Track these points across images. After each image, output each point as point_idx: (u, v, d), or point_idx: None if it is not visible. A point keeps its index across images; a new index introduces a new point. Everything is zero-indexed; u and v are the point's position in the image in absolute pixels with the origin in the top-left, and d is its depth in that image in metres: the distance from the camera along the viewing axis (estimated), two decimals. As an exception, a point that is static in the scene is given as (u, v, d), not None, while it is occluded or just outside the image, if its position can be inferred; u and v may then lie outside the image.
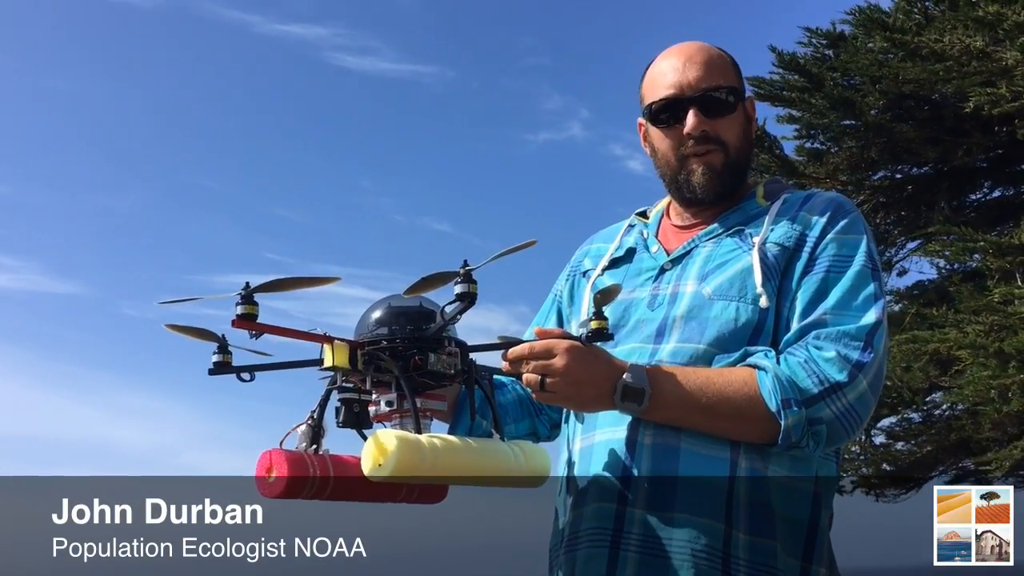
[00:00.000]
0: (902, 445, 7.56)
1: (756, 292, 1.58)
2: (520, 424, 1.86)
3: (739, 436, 1.54)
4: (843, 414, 1.50)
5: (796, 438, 1.50)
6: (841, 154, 7.07)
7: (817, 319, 1.55)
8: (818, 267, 1.59)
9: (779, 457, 1.56)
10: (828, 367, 1.50)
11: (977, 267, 6.42)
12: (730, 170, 1.70)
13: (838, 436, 1.52)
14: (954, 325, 6.22)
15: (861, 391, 1.51)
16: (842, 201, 1.67)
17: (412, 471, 1.45)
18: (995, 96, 5.82)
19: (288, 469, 1.49)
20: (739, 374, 1.53)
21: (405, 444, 1.44)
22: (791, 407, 1.48)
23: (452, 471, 1.51)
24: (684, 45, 1.75)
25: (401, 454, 1.44)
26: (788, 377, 1.50)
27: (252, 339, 1.47)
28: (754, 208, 1.71)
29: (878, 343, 1.53)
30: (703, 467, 1.55)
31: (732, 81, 1.72)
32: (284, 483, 1.49)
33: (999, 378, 5.94)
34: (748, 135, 1.75)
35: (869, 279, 1.58)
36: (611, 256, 1.81)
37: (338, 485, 1.55)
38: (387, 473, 1.44)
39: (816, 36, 7.07)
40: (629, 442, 1.58)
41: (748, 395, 1.51)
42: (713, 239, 1.69)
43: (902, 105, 6.73)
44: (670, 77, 1.70)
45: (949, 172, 7.02)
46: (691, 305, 1.62)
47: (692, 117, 1.68)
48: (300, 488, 1.51)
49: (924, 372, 6.71)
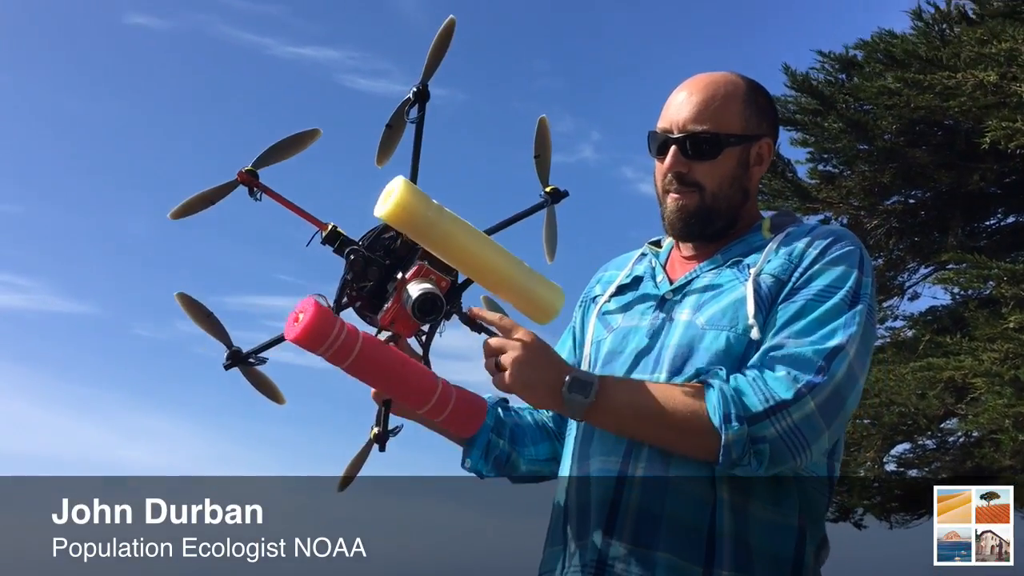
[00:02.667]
0: (916, 472, 7.50)
1: (748, 323, 1.57)
2: (540, 447, 1.85)
3: (683, 449, 1.53)
4: (787, 433, 1.47)
5: (737, 455, 1.47)
6: (854, 178, 7.05)
7: (778, 342, 1.54)
8: (799, 296, 1.58)
9: (761, 491, 1.55)
10: (775, 385, 1.48)
11: (991, 294, 6.37)
12: (703, 213, 1.69)
13: (782, 457, 1.49)
14: (969, 352, 6.16)
15: (807, 412, 1.48)
16: (842, 233, 1.66)
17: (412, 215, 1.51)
18: (1011, 130, 5.80)
19: (315, 313, 1.49)
20: (688, 388, 1.53)
21: (409, 187, 1.52)
22: (731, 422, 1.46)
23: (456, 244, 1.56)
24: (697, 79, 1.74)
25: (406, 194, 1.50)
26: (734, 393, 1.48)
27: (254, 199, 1.55)
28: (758, 240, 1.70)
29: (836, 367, 1.50)
30: (686, 506, 1.54)
31: (728, 125, 1.69)
32: (307, 325, 1.49)
33: (1015, 406, 5.88)
34: (740, 180, 1.72)
35: (844, 311, 1.55)
36: (619, 283, 1.82)
37: (363, 356, 1.53)
38: (387, 210, 1.50)
39: (829, 60, 7.08)
40: (620, 476, 1.58)
41: (693, 408, 1.49)
42: (713, 270, 1.69)
43: (915, 130, 6.72)
44: (668, 111, 1.72)
45: (963, 198, 6.99)
46: (684, 334, 1.62)
47: (669, 157, 1.69)
48: (322, 336, 1.49)
49: (940, 399, 6.65)
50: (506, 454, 1.81)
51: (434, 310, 1.57)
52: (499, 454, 1.80)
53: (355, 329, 1.54)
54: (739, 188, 1.72)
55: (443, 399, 1.59)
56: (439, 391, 1.59)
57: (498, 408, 1.84)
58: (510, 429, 1.82)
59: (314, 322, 1.48)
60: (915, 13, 6.70)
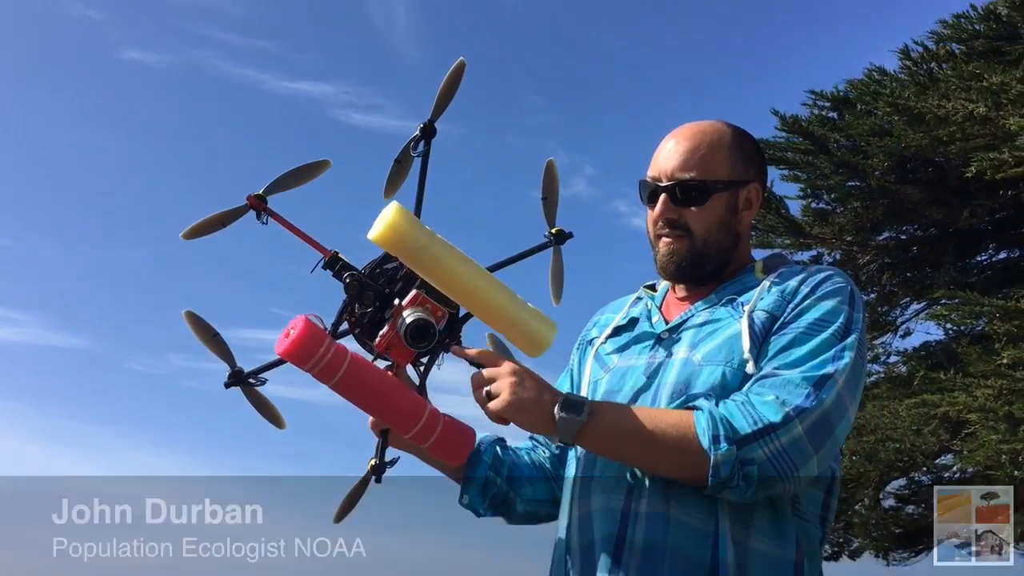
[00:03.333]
0: (912, 509, 7.45)
1: (743, 357, 1.60)
2: (537, 487, 1.86)
3: (672, 471, 1.55)
4: (775, 456, 1.49)
5: (725, 476, 1.49)
6: (847, 214, 7.10)
7: (769, 372, 1.56)
8: (789, 329, 1.61)
9: (762, 524, 1.56)
10: (764, 408, 1.50)
11: (984, 330, 6.39)
12: (694, 257, 1.74)
13: (771, 481, 1.51)
14: (963, 388, 6.16)
15: (795, 436, 1.50)
16: (832, 272, 1.70)
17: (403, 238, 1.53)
18: (998, 161, 5.87)
19: (304, 330, 1.51)
20: (677, 412, 1.55)
21: (403, 212, 1.54)
22: (720, 443, 1.48)
23: (446, 270, 1.57)
24: (684, 128, 1.79)
25: (398, 217, 1.53)
26: (723, 416, 1.50)
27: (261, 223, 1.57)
28: (751, 281, 1.74)
29: (824, 394, 1.53)
30: (689, 539, 1.55)
31: (715, 172, 1.74)
32: (296, 341, 1.51)
33: (1010, 442, 5.86)
34: (730, 224, 1.76)
35: (834, 344, 1.58)
36: (615, 325, 1.85)
37: (350, 375, 1.54)
38: (378, 232, 1.52)
39: (820, 99, 7.17)
40: (624, 512, 1.59)
41: (682, 430, 1.51)
42: (707, 309, 1.73)
43: (906, 167, 6.79)
44: (657, 159, 1.77)
45: (954, 234, 7.04)
46: (681, 372, 1.64)
47: (659, 205, 1.73)
48: (309, 353, 1.51)
49: (935, 435, 6.64)
50: (503, 493, 1.82)
51: (426, 337, 1.59)
52: (496, 492, 1.81)
53: (344, 349, 1.56)
54: (728, 232, 1.76)
55: (430, 424, 1.59)
56: (426, 416, 1.59)
57: (496, 447, 1.84)
58: (508, 468, 1.83)
59: (302, 338, 1.50)
60: (903, 52, 6.81)
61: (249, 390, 1.66)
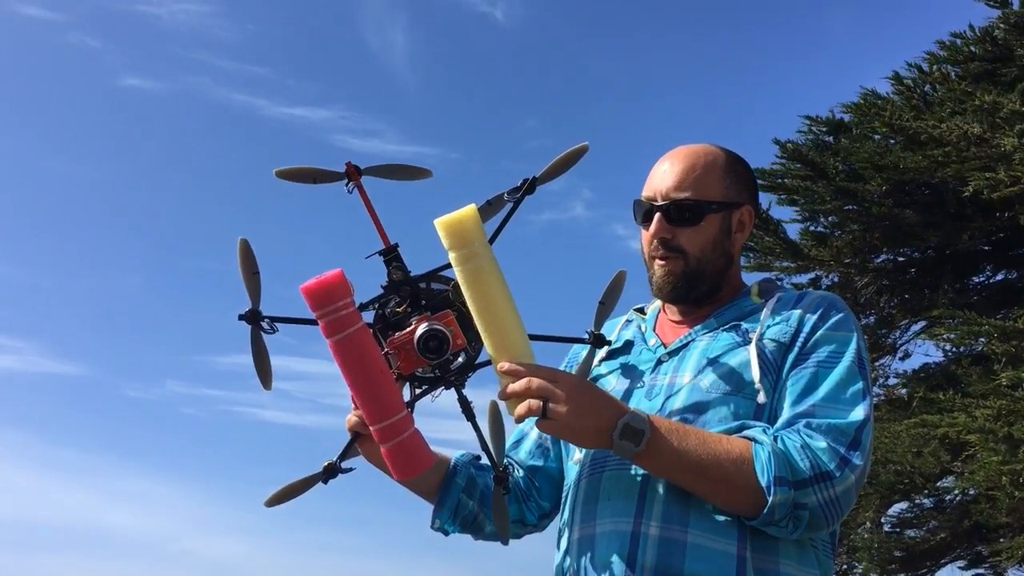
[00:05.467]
0: (913, 532, 7.42)
1: (755, 387, 1.61)
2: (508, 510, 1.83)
3: (723, 502, 1.55)
4: (828, 504, 1.51)
5: (779, 517, 1.50)
6: (844, 237, 7.13)
7: (806, 410, 1.57)
8: (809, 362, 1.62)
9: (788, 551, 1.57)
10: (823, 455, 1.51)
11: (983, 351, 6.39)
12: (689, 277, 1.75)
13: (818, 524, 1.53)
14: (962, 409, 6.16)
15: (848, 486, 1.52)
16: (834, 299, 1.72)
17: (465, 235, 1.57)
18: (994, 181, 5.90)
19: (336, 276, 1.54)
20: (736, 443, 1.54)
21: (477, 215, 1.60)
22: (783, 485, 1.49)
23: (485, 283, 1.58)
24: (678, 150, 1.81)
25: (469, 213, 1.58)
26: (783, 456, 1.51)
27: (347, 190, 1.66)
28: (748, 305, 1.75)
29: (866, 440, 1.56)
30: (711, 564, 1.53)
31: (709, 194, 1.75)
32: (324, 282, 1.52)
33: (1010, 463, 5.85)
34: (723, 245, 1.78)
35: (857, 376, 1.60)
36: (609, 348, 1.83)
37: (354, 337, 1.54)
38: (447, 218, 1.58)
39: (816, 124, 7.21)
40: (634, 535, 1.57)
41: (741, 464, 1.51)
42: (710, 333, 1.73)
43: (903, 190, 6.81)
44: (652, 180, 1.79)
45: (952, 256, 7.06)
46: (688, 397, 1.64)
47: (655, 224, 1.75)
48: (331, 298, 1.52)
49: (935, 457, 6.63)
50: (473, 515, 1.81)
51: (438, 351, 1.58)
52: (467, 515, 1.81)
53: (359, 315, 1.56)
54: (722, 253, 1.77)
55: (399, 427, 1.56)
56: (400, 416, 1.56)
57: (471, 467, 1.84)
58: (480, 490, 1.81)
59: (331, 281, 1.51)
60: (895, 77, 6.85)
61: (256, 334, 1.63)
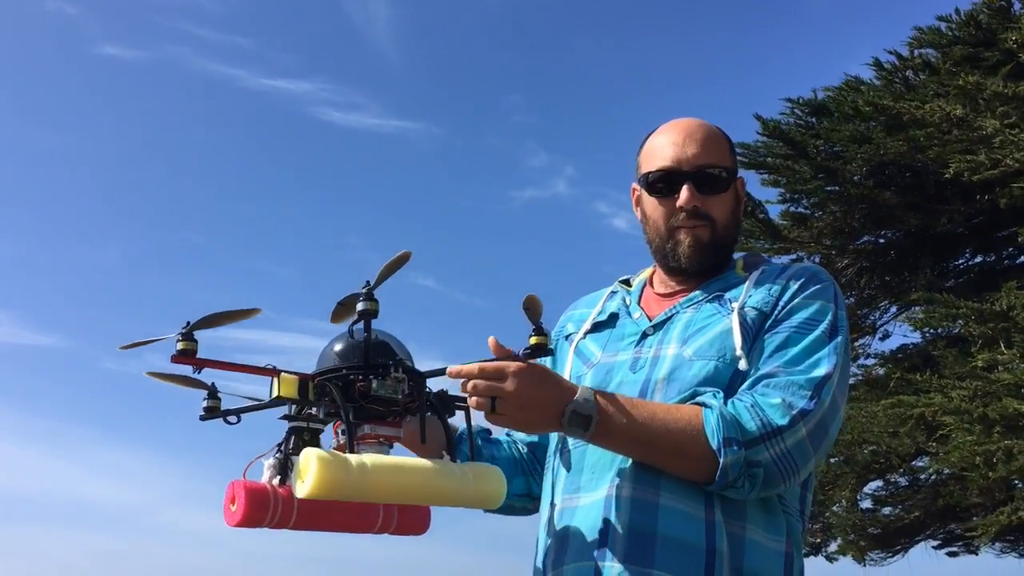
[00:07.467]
0: (888, 510, 7.52)
1: (735, 353, 1.62)
2: (515, 482, 1.86)
3: (678, 471, 1.56)
4: (780, 458, 1.52)
5: (733, 477, 1.51)
6: (825, 219, 7.17)
7: (770, 371, 1.59)
8: (783, 327, 1.64)
9: (756, 516, 1.59)
10: (772, 412, 1.53)
11: (960, 333, 6.46)
12: (715, 246, 1.76)
13: (774, 481, 1.54)
14: (939, 390, 6.23)
15: (799, 438, 1.53)
16: (816, 271, 1.73)
17: (336, 489, 1.40)
18: (975, 163, 5.94)
19: (247, 499, 1.48)
20: (685, 411, 1.56)
21: (325, 461, 1.39)
22: (731, 446, 1.50)
23: (386, 491, 1.47)
24: (685, 121, 1.81)
25: (322, 471, 1.38)
26: (732, 417, 1.52)
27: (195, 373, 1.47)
28: (734, 278, 1.76)
29: (825, 395, 1.57)
30: (682, 526, 1.56)
31: (727, 161, 1.78)
32: (243, 513, 1.48)
33: (984, 444, 5.94)
34: (736, 214, 1.81)
35: (826, 343, 1.62)
36: (593, 320, 1.85)
37: (303, 515, 1.52)
38: (308, 491, 1.38)
39: (798, 105, 7.22)
40: (608, 497, 1.59)
41: (691, 432, 1.53)
42: (693, 305, 1.74)
43: (884, 172, 6.85)
44: (669, 151, 1.76)
45: (931, 238, 7.11)
46: (672, 367, 1.65)
47: (686, 191, 1.73)
48: (260, 517, 1.49)
49: (911, 437, 6.71)
50: None
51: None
52: None
53: (289, 492, 1.51)
54: (736, 222, 1.81)
55: (386, 519, 1.61)
56: (381, 516, 1.60)
57: (478, 439, 1.85)
58: (488, 462, 1.83)
59: (247, 511, 1.48)
60: (876, 63, 6.87)
61: None
